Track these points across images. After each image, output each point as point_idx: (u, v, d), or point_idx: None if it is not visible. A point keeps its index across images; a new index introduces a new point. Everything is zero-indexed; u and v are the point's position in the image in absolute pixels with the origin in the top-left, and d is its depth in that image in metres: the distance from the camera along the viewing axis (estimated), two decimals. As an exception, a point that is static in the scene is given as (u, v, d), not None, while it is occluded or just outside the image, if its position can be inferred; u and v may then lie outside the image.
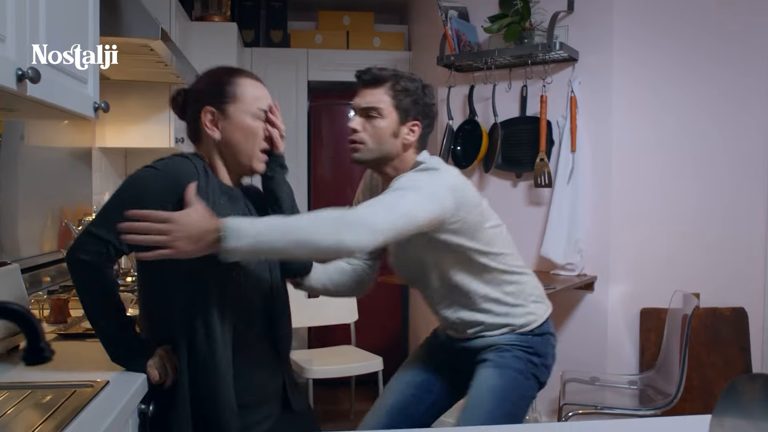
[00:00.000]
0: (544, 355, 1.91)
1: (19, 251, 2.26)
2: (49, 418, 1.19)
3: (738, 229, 3.27)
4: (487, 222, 1.84)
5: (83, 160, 3.01)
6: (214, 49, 3.91)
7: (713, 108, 3.26)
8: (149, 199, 1.43)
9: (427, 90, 1.86)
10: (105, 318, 1.47)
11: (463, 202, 1.74)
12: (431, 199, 1.66)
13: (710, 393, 3.13)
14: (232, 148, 1.56)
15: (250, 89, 1.57)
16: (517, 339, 1.88)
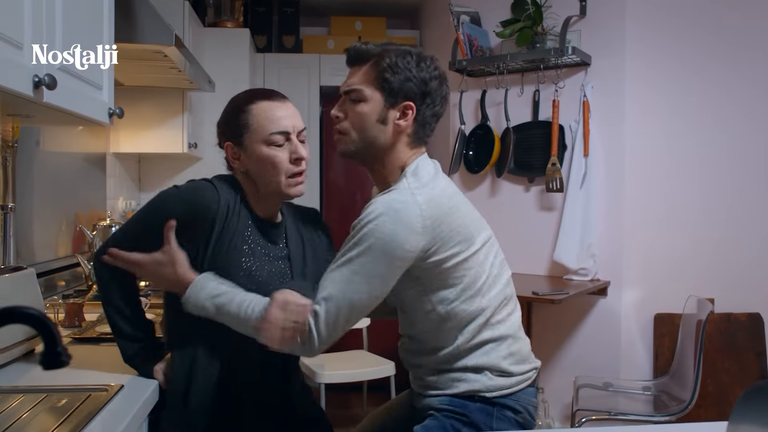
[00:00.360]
0: (481, 428, 1.50)
1: (35, 256, 2.28)
2: (65, 422, 1.20)
3: (753, 234, 3.24)
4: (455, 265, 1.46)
5: (97, 165, 3.03)
6: (227, 54, 3.94)
7: (726, 112, 3.24)
8: (159, 219, 1.45)
9: (425, 63, 1.49)
10: (122, 318, 1.50)
11: (436, 239, 1.42)
12: (384, 280, 1.40)
13: (725, 399, 3.10)
14: (257, 179, 1.50)
15: (263, 114, 1.48)
16: (449, 404, 1.51)
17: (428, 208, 1.40)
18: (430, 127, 1.53)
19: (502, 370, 1.51)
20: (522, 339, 1.59)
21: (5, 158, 2.02)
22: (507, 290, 1.57)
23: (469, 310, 1.48)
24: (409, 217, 1.37)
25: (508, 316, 1.55)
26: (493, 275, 1.52)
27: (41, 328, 0.79)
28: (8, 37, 1.22)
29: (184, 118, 3.33)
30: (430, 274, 1.45)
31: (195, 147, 3.49)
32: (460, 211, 1.47)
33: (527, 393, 1.56)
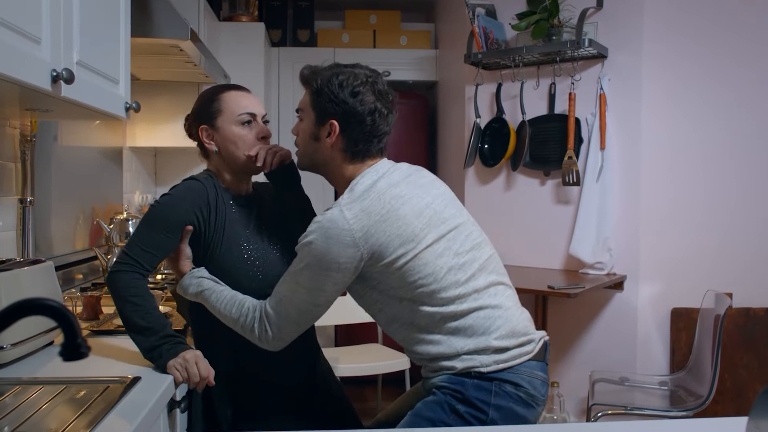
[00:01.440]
0: (480, 406, 1.52)
1: (53, 249, 2.31)
2: (83, 414, 1.21)
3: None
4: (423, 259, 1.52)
5: (114, 159, 3.05)
6: (242, 48, 3.94)
7: (745, 106, 3.20)
8: (173, 221, 1.63)
9: (347, 83, 1.56)
10: (139, 317, 1.56)
11: (375, 246, 1.49)
12: (325, 291, 1.53)
13: (743, 395, 3.08)
14: (229, 156, 1.72)
15: (232, 100, 1.72)
16: (448, 380, 1.56)
17: (357, 221, 1.48)
18: (366, 143, 1.59)
19: (496, 348, 1.54)
20: (516, 315, 1.61)
21: (24, 152, 2.04)
22: (484, 274, 1.59)
23: (438, 298, 1.53)
24: (338, 234, 1.47)
25: (491, 298, 1.58)
26: (459, 264, 1.55)
27: (61, 320, 0.80)
28: (26, 31, 1.23)
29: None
30: (385, 278, 1.54)
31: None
32: (397, 214, 1.51)
33: (529, 366, 1.57)
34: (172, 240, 1.62)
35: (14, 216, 2.03)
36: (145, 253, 1.59)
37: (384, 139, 1.62)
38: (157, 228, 1.61)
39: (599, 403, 2.78)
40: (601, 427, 1.41)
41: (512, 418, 1.53)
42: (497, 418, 1.52)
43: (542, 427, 1.47)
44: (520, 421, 1.54)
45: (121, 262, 1.59)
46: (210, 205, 1.66)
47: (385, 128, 1.60)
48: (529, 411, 1.56)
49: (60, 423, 1.17)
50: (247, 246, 1.67)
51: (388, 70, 4.59)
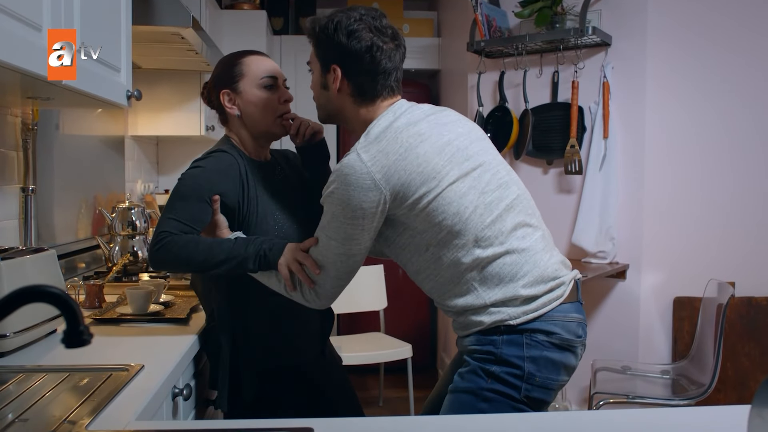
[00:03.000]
0: (512, 361, 1.49)
1: (55, 238, 2.31)
2: (87, 401, 1.22)
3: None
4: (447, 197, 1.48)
5: (116, 148, 3.05)
6: (244, 36, 3.93)
7: (749, 95, 3.18)
8: (207, 192, 1.62)
9: (341, 26, 1.53)
10: (220, 251, 1.55)
11: (397, 186, 1.45)
12: (356, 239, 1.49)
13: (745, 384, 3.08)
14: (252, 119, 1.73)
15: (254, 64, 1.74)
16: (477, 341, 1.53)
17: (374, 163, 1.45)
18: (370, 82, 1.56)
19: (524, 298, 1.50)
20: (545, 258, 1.56)
21: (26, 141, 2.04)
22: (511, 214, 1.54)
23: (463, 242, 1.49)
24: (357, 178, 1.44)
25: (519, 241, 1.53)
26: (485, 203, 1.50)
27: (63, 307, 0.80)
28: (27, 18, 1.22)
29: (201, 100, 3.32)
30: (410, 221, 1.50)
31: (212, 130, 3.50)
32: (416, 152, 1.47)
33: (561, 310, 1.53)
34: (207, 211, 1.61)
35: (16, 204, 2.04)
36: (185, 226, 1.57)
37: (391, 76, 1.57)
38: (192, 200, 1.60)
39: (601, 392, 2.78)
40: (602, 415, 1.42)
41: (549, 366, 1.51)
42: (534, 370, 1.49)
43: (544, 415, 1.47)
44: (558, 366, 1.52)
45: (162, 238, 1.56)
46: (242, 177, 1.67)
47: (387, 64, 1.55)
48: (565, 355, 1.53)
49: (63, 410, 1.18)
50: (277, 215, 1.70)
51: (390, 58, 4.58)
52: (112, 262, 2.47)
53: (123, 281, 2.40)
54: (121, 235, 2.50)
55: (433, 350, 4.64)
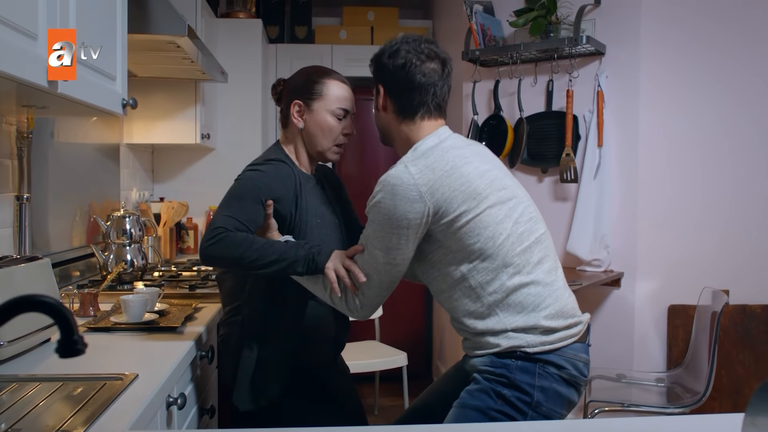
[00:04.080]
0: (525, 389, 1.54)
1: (50, 246, 2.30)
2: (80, 410, 1.21)
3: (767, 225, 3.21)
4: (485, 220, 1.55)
5: (111, 156, 3.05)
6: (240, 45, 3.94)
7: (742, 103, 3.20)
8: (265, 195, 1.70)
9: (387, 47, 1.67)
10: (272, 252, 1.61)
11: (440, 201, 1.53)
12: (400, 249, 1.56)
13: (740, 392, 3.08)
14: (311, 138, 1.82)
15: (334, 90, 1.81)
16: (491, 363, 1.57)
17: (422, 176, 1.53)
18: (407, 98, 1.64)
19: (544, 328, 1.56)
20: (565, 295, 1.64)
21: (21, 149, 2.04)
22: (539, 248, 1.61)
23: (492, 267, 1.55)
24: (405, 189, 1.51)
25: (544, 274, 1.60)
26: (517, 233, 1.57)
27: (57, 316, 0.80)
28: (22, 27, 1.22)
29: (196, 109, 3.34)
30: (446, 239, 1.56)
31: (208, 138, 3.50)
32: (461, 171, 1.55)
33: (573, 348, 1.60)
34: (261, 213, 1.68)
35: (11, 213, 2.03)
36: (240, 224, 1.63)
37: (427, 92, 1.64)
38: (249, 201, 1.67)
39: (596, 400, 2.78)
40: (598, 423, 1.42)
41: (556, 399, 1.56)
42: (542, 400, 1.54)
43: (539, 423, 1.47)
44: (564, 400, 1.58)
45: (218, 233, 1.60)
46: (296, 188, 1.75)
47: (421, 79, 1.62)
48: (571, 391, 1.59)
49: (57, 420, 1.17)
50: (320, 227, 1.79)
51: (385, 67, 4.59)
52: (107, 270, 2.46)
53: (117, 289, 2.39)
54: (115, 243, 2.49)
55: (428, 358, 4.63)
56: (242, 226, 1.63)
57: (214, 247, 1.60)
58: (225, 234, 1.60)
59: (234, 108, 3.96)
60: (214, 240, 1.60)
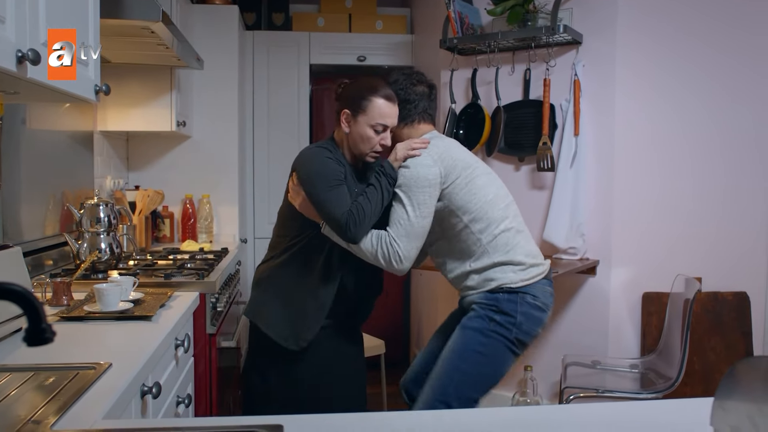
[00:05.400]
0: (511, 313, 2.10)
1: (22, 235, 2.27)
2: (52, 400, 1.20)
3: (740, 214, 3.26)
4: (473, 186, 2.14)
5: (84, 144, 3.00)
6: (216, 32, 3.89)
7: (717, 93, 3.24)
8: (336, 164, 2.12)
9: (392, 80, 2.25)
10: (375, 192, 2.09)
11: (448, 166, 2.12)
12: (425, 204, 2.08)
13: (711, 377, 3.14)
14: (353, 142, 2.17)
15: (377, 108, 2.12)
16: (484, 298, 2.14)
17: (430, 151, 2.14)
18: (402, 110, 2.21)
19: (520, 263, 2.14)
20: (531, 242, 2.24)
21: (-10, 136, 2.00)
22: (513, 207, 2.25)
23: (485, 217, 2.13)
24: (422, 160, 2.11)
25: (519, 224, 2.22)
26: (500, 195, 2.21)
27: (24, 304, 0.78)
28: (-10, 10, 1.20)
29: (172, 96, 3.29)
30: (453, 195, 2.13)
31: (183, 125, 3.46)
32: (455, 150, 2.20)
33: (542, 284, 2.18)
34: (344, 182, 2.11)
35: (-19, 201, 1.99)
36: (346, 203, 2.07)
37: (416, 104, 2.22)
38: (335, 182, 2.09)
39: (571, 386, 2.82)
40: (572, 409, 1.43)
41: (532, 320, 2.13)
42: (523, 320, 2.11)
43: (515, 409, 1.49)
44: (538, 321, 2.15)
45: (346, 219, 2.03)
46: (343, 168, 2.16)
47: (405, 96, 2.21)
48: (543, 314, 2.16)
49: (28, 410, 1.16)
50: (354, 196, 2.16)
51: (363, 54, 4.57)
52: (80, 259, 2.43)
53: (91, 278, 2.36)
54: (89, 231, 2.46)
55: (405, 346, 4.65)
56: (353, 203, 2.06)
57: (355, 230, 2.04)
58: (347, 218, 2.03)
59: (210, 95, 3.92)
60: (348, 226, 2.03)
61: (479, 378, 2.11)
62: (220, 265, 2.80)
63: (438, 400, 2.09)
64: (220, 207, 3.95)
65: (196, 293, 2.28)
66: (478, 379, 2.11)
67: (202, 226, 3.79)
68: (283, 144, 4.50)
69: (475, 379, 2.11)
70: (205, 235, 3.78)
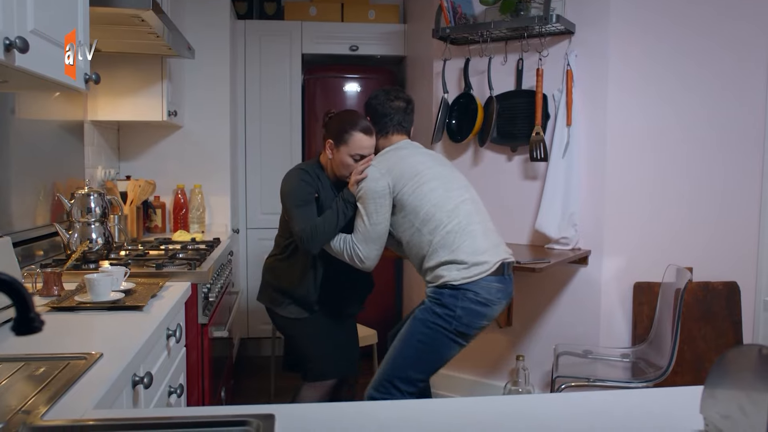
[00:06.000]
0: (450, 307, 2.32)
1: (12, 225, 2.25)
2: (43, 390, 1.19)
3: (731, 204, 3.27)
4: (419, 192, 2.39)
5: (75, 133, 2.98)
6: (207, 21, 3.87)
7: (709, 83, 3.24)
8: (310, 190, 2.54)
9: (373, 95, 2.62)
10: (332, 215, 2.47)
11: (395, 177, 2.41)
12: (377, 212, 2.40)
13: (701, 366, 3.16)
14: (335, 167, 2.54)
15: (357, 142, 2.46)
16: (433, 292, 2.37)
17: (381, 165, 2.46)
18: (377, 123, 2.55)
19: (462, 262, 2.32)
20: (479, 240, 2.38)
21: (-21, 125, 1.98)
22: (465, 207, 2.42)
23: (433, 219, 2.36)
24: (372, 173, 2.43)
25: (465, 225, 2.37)
26: (447, 198, 2.40)
27: (12, 292, 0.78)
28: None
29: (163, 85, 3.27)
30: (404, 202, 2.40)
31: (175, 115, 3.44)
32: (407, 161, 2.45)
33: (487, 280, 2.34)
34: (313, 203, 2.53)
35: (-30, 190, 1.98)
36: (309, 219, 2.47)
37: (391, 118, 2.55)
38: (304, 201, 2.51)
39: (563, 376, 2.83)
40: (564, 397, 1.44)
41: (473, 314, 2.33)
42: (462, 314, 2.32)
43: (507, 398, 1.49)
44: (480, 315, 2.34)
45: (303, 235, 2.43)
46: (318, 186, 2.57)
47: (381, 109, 2.56)
48: (485, 308, 2.34)
49: (19, 400, 1.15)
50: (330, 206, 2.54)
51: (355, 44, 4.55)
52: (71, 249, 2.42)
53: (82, 269, 2.35)
54: (80, 221, 2.45)
55: (398, 336, 4.65)
56: (311, 220, 2.45)
57: (308, 244, 2.44)
58: (302, 233, 2.43)
59: (202, 85, 3.90)
60: (303, 239, 2.44)
61: (421, 363, 2.38)
62: (212, 255, 2.79)
63: (385, 380, 2.39)
64: (212, 197, 3.94)
65: (187, 283, 2.28)
66: (420, 363, 2.38)
67: (194, 217, 3.78)
68: (275, 134, 4.48)
69: (417, 364, 2.38)
70: (197, 226, 3.77)
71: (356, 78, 4.54)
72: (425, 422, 1.14)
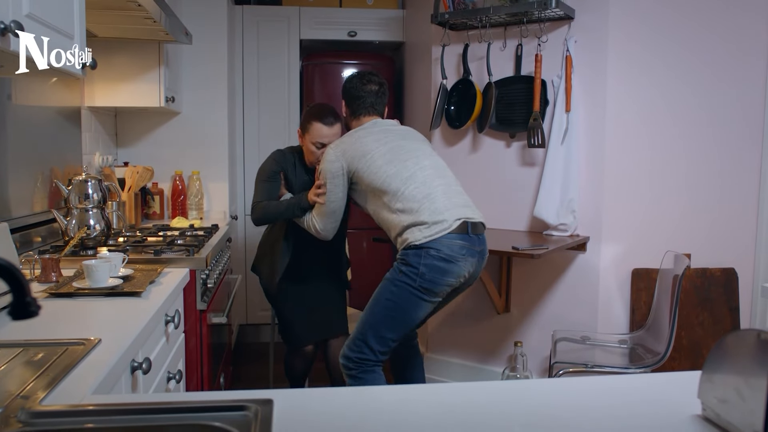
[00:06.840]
0: (414, 265, 2.43)
1: (10, 212, 2.25)
2: (42, 375, 1.19)
3: (729, 191, 3.27)
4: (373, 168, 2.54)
5: (72, 119, 2.97)
6: (204, 6, 3.84)
7: (709, 68, 3.23)
8: (276, 169, 2.93)
9: (348, 78, 2.81)
10: (279, 206, 2.81)
11: (348, 158, 2.58)
12: (334, 189, 2.62)
13: (699, 352, 3.17)
14: (305, 153, 2.90)
15: (317, 130, 2.78)
16: (400, 254, 2.51)
17: (337, 148, 2.64)
18: (350, 106, 2.75)
19: (423, 222, 2.44)
20: (439, 202, 2.48)
21: (-25, 110, 1.97)
22: (421, 174, 2.53)
23: (390, 190, 2.51)
24: (328, 156, 2.65)
25: (423, 191, 2.49)
26: (401, 168, 2.53)
27: (8, 277, 0.78)
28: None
29: (160, 71, 3.26)
30: (362, 178, 2.57)
31: (172, 101, 3.43)
32: (360, 143, 2.61)
33: (449, 237, 2.44)
34: (276, 184, 2.90)
35: (-33, 176, 1.97)
36: (264, 197, 2.87)
37: (363, 101, 2.71)
38: (266, 180, 2.89)
39: (561, 362, 2.84)
40: (561, 382, 1.44)
41: (436, 270, 2.43)
42: (425, 271, 2.42)
43: (504, 383, 1.50)
44: (443, 271, 2.43)
45: (253, 206, 2.86)
46: (289, 168, 2.95)
47: (354, 93, 2.72)
48: (449, 264, 2.44)
49: (17, 385, 1.15)
50: (303, 188, 2.88)
51: (354, 30, 4.52)
52: (69, 235, 2.41)
53: (80, 255, 2.35)
54: (77, 208, 2.44)
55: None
56: (265, 197, 2.85)
57: (253, 216, 2.85)
58: (253, 205, 2.86)
59: (199, 71, 3.88)
60: (252, 210, 2.85)
61: (391, 321, 2.50)
62: (210, 241, 2.79)
63: (358, 338, 2.52)
64: (210, 183, 3.93)
65: (186, 269, 2.28)
66: (389, 321, 2.50)
67: (192, 203, 3.78)
68: (273, 120, 4.47)
69: (386, 321, 2.49)
70: (195, 212, 3.77)
71: (354, 64, 4.52)
72: (423, 406, 1.14)
